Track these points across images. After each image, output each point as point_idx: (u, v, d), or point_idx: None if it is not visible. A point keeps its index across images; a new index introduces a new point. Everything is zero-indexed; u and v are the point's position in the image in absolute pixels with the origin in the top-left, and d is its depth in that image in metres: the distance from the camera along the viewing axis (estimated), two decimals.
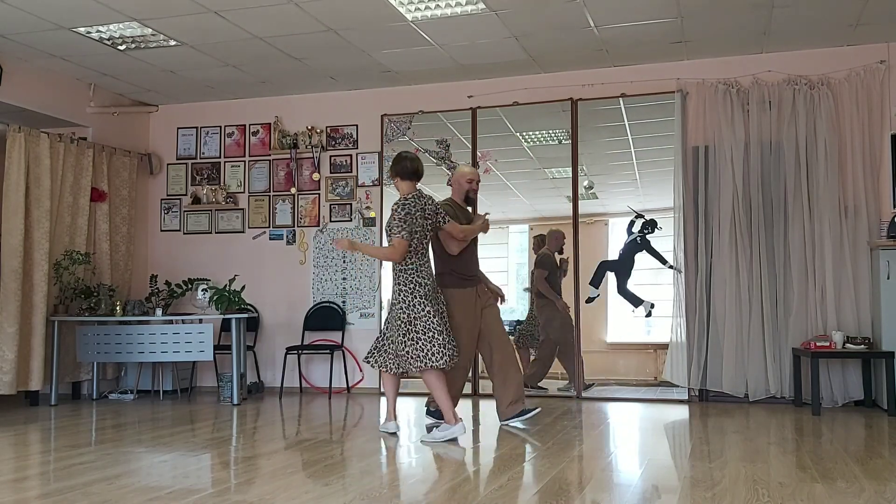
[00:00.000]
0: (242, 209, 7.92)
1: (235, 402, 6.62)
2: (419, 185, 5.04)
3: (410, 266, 4.85)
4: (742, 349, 6.36)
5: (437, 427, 4.90)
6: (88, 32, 6.05)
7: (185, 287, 7.42)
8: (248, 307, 7.52)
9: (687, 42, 6.33)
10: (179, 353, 6.74)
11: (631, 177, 7.44)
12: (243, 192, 7.94)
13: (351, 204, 7.62)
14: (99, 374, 7.23)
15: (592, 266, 7.02)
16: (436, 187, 7.59)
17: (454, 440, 4.73)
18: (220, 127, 8.06)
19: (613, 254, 7.13)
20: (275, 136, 7.82)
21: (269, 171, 7.88)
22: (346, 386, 7.44)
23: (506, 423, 5.27)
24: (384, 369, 4.95)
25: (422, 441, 4.76)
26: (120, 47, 6.38)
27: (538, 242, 7.35)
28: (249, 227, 7.90)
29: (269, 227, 7.85)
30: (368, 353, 5.07)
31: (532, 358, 7.34)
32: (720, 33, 6.14)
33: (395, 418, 5.08)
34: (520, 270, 7.72)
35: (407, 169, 4.98)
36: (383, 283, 7.47)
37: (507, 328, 7.31)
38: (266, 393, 7.48)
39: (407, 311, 4.82)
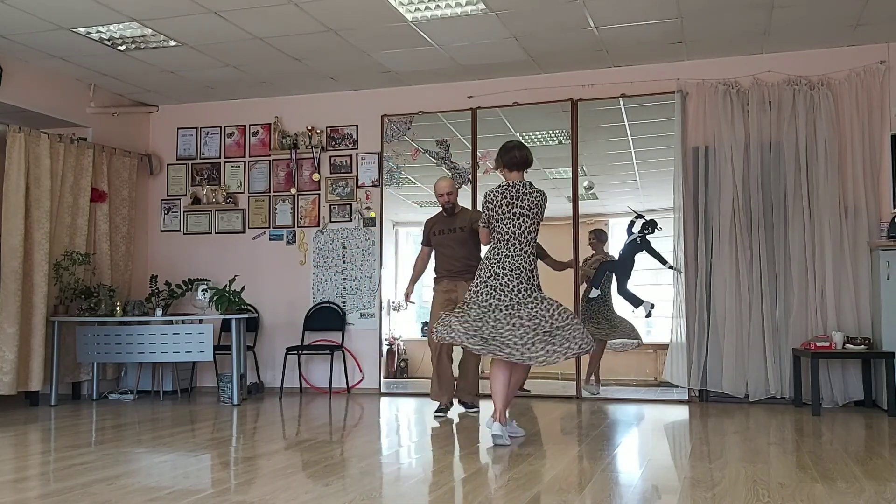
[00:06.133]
0: (242, 209, 7.92)
1: (235, 402, 6.62)
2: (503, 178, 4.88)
3: (486, 255, 4.77)
4: (742, 349, 6.35)
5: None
6: (88, 33, 6.05)
7: (185, 287, 7.43)
8: (248, 307, 7.52)
9: (687, 42, 6.33)
10: (179, 354, 6.74)
11: (631, 177, 7.44)
12: (243, 193, 7.94)
13: (351, 204, 7.62)
14: (99, 375, 7.23)
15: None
16: None
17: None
18: (221, 127, 8.06)
19: (613, 254, 7.13)
20: (275, 137, 7.82)
21: (269, 171, 7.88)
22: (346, 386, 7.44)
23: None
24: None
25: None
26: (120, 48, 6.38)
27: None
28: (249, 228, 7.90)
29: (269, 227, 7.85)
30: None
31: None
32: (720, 33, 6.14)
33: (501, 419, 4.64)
34: None
35: (515, 159, 4.77)
36: (383, 283, 7.47)
37: None
38: (266, 393, 7.48)
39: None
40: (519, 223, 4.67)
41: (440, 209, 6.10)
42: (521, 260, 4.65)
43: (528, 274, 4.64)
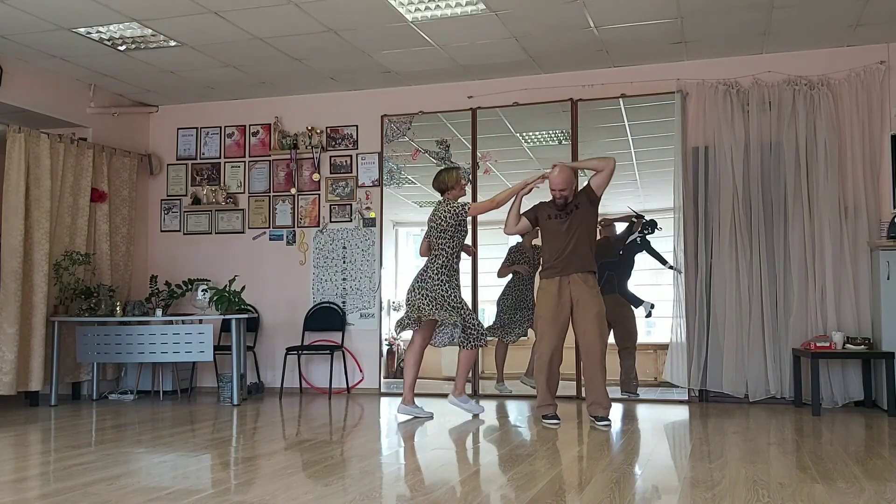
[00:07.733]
0: (242, 210, 7.91)
1: (235, 402, 6.62)
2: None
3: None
4: (742, 350, 6.35)
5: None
6: (88, 33, 6.05)
7: (185, 287, 7.42)
8: (248, 307, 7.52)
9: (687, 42, 6.33)
10: (179, 354, 6.74)
11: (631, 177, 7.43)
12: (243, 193, 7.94)
13: (351, 204, 7.62)
14: (99, 375, 7.23)
15: None
16: None
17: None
18: (221, 127, 8.06)
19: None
20: (275, 137, 7.82)
21: (269, 171, 7.88)
22: (346, 386, 7.44)
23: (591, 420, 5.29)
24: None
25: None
26: (120, 48, 6.38)
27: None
28: (249, 228, 7.90)
29: (269, 227, 7.85)
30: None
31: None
32: (720, 33, 6.14)
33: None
34: None
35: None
36: (383, 283, 7.47)
37: None
38: (266, 393, 7.48)
39: None
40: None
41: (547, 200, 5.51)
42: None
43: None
